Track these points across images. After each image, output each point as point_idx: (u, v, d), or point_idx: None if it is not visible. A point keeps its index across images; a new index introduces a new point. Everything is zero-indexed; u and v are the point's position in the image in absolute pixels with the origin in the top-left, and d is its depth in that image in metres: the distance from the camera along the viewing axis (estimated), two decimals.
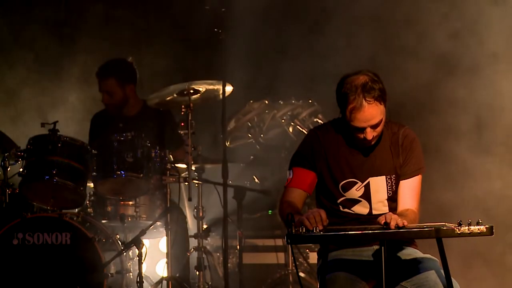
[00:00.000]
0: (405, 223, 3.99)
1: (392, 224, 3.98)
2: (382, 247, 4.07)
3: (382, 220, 4.05)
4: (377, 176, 4.39)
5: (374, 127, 4.27)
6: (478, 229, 3.92)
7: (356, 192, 4.40)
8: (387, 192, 4.40)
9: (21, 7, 8.06)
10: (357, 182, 4.39)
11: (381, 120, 4.28)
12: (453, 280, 4.13)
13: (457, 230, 3.92)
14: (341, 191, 4.40)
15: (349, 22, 7.26)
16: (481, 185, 6.86)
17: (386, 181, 4.40)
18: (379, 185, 4.39)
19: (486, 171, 6.87)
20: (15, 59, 8.04)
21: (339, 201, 4.41)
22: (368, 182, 4.39)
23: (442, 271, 4.13)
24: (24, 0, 8.07)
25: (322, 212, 4.06)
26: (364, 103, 4.21)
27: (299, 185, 4.40)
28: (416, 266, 4.28)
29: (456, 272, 4.22)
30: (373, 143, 4.35)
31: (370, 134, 4.28)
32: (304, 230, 3.94)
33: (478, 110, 6.92)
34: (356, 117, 4.24)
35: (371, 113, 4.23)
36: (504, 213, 6.78)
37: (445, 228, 3.94)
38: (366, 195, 4.39)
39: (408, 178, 4.41)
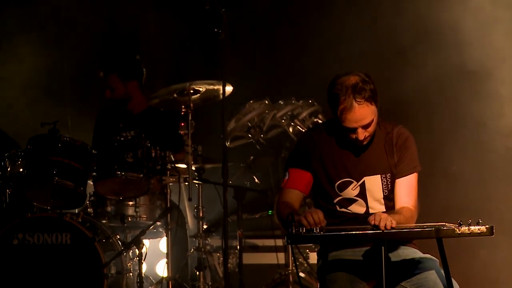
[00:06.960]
0: (393, 224, 3.99)
1: (382, 225, 3.98)
2: (382, 247, 4.07)
3: (371, 221, 4.05)
4: (372, 175, 4.40)
5: (365, 127, 4.29)
6: (478, 229, 3.93)
7: (352, 191, 4.40)
8: (383, 191, 4.41)
9: None
10: (353, 182, 4.40)
11: (372, 120, 4.29)
12: (453, 280, 4.14)
13: (457, 230, 3.92)
14: (337, 190, 4.41)
15: (348, 22, 7.26)
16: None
17: (381, 180, 4.40)
18: (374, 184, 4.40)
19: None
20: None
21: (335, 201, 4.42)
22: (363, 181, 4.40)
23: (442, 271, 4.14)
24: None
25: (319, 213, 4.07)
26: (354, 103, 4.23)
27: (296, 185, 4.41)
28: (416, 266, 4.28)
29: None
30: (365, 143, 4.37)
31: (361, 135, 4.30)
32: (304, 230, 3.95)
33: None
34: (347, 118, 4.25)
35: (361, 114, 4.24)
36: None
37: (445, 228, 3.95)
38: (362, 194, 4.40)
39: (403, 176, 4.41)
